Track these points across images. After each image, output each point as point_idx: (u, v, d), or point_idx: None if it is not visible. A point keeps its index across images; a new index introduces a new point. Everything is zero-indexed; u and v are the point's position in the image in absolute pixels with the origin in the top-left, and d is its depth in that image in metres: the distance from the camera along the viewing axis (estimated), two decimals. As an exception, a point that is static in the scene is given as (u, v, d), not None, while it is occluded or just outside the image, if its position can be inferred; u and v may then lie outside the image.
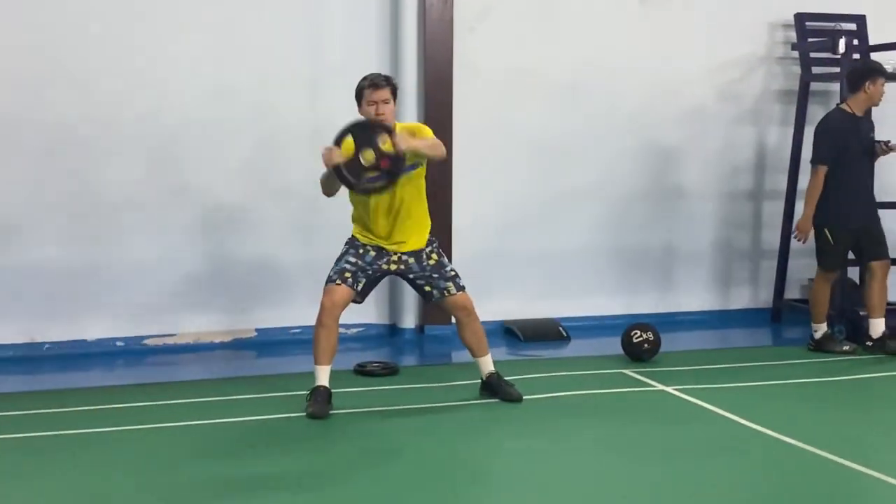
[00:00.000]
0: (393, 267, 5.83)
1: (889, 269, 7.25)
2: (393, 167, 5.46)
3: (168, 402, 5.99)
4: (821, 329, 7.26)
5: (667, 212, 8.51)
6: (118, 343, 7.32)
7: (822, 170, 7.02)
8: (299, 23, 7.51)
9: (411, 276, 5.88)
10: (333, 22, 7.57)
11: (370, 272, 5.81)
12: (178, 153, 7.32)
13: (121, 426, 5.51)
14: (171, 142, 7.29)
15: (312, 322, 7.22)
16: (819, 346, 7.24)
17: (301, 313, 7.48)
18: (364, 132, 5.47)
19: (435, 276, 5.85)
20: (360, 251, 5.79)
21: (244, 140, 7.45)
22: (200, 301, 7.47)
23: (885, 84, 7.12)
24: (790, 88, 8.60)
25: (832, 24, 8.37)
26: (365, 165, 5.46)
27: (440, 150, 5.68)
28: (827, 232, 7.09)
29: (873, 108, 7.30)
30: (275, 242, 7.58)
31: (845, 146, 7.01)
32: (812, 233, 7.14)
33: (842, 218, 7.06)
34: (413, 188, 5.76)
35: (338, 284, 5.72)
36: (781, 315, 8.59)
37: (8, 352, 7.07)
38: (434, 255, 5.87)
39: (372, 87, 5.64)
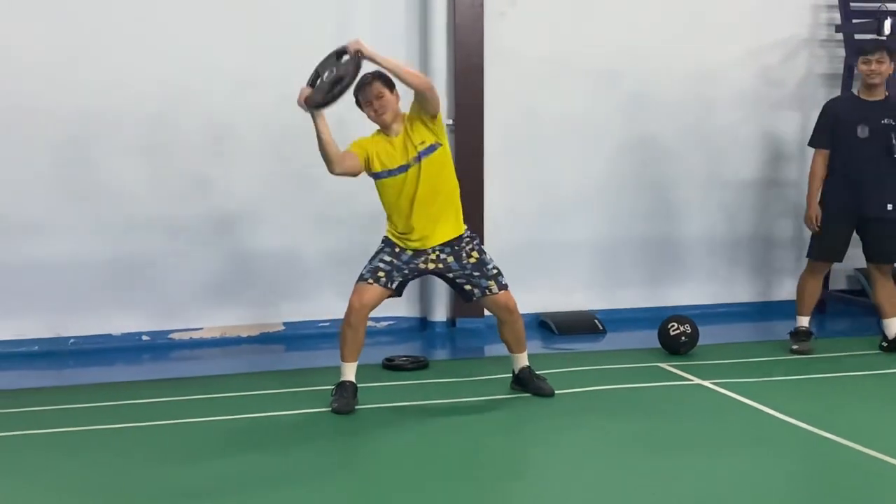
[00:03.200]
0: (431, 266, 5.66)
1: (889, 271, 6.88)
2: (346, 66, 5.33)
3: (194, 397, 5.94)
4: (801, 321, 6.91)
5: (707, 200, 8.30)
6: (144, 337, 7.26)
7: (819, 153, 6.75)
8: (325, 10, 7.36)
9: (450, 275, 5.71)
10: (360, 8, 7.41)
11: (406, 271, 5.65)
12: (201, 146, 7.22)
13: (146, 422, 5.44)
14: (194, 134, 7.19)
15: (340, 315, 7.08)
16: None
17: (329, 306, 7.39)
18: (324, 62, 5.44)
19: (476, 274, 5.66)
20: (397, 250, 5.62)
21: (269, 131, 7.32)
22: (227, 295, 7.39)
23: (877, 61, 6.57)
24: (835, 72, 8.35)
25: (877, 5, 8.11)
26: (329, 81, 5.34)
27: (421, 80, 5.42)
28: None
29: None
30: (302, 235, 7.47)
31: (841, 130, 6.68)
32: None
33: (831, 206, 6.75)
34: (435, 173, 5.55)
35: (369, 284, 5.56)
36: (826, 306, 8.35)
37: (33, 346, 7.03)
38: (474, 253, 5.67)
39: (359, 87, 5.50)
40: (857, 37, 8.05)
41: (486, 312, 7.64)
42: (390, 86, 5.52)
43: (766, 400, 5.69)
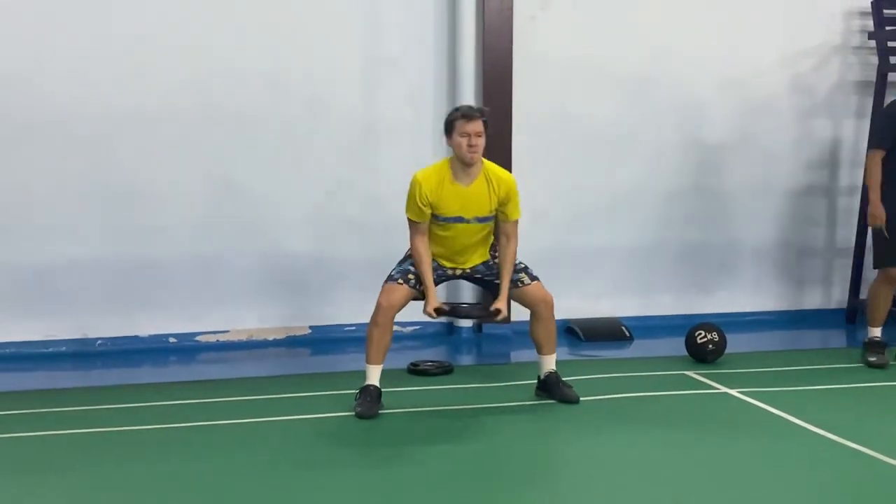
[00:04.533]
0: (459, 272, 5.76)
1: None
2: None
3: (219, 399, 5.95)
4: (872, 332, 6.76)
5: (736, 207, 8.25)
6: (171, 339, 7.29)
7: (876, 154, 6.60)
8: (353, 13, 7.39)
9: (478, 275, 5.78)
10: (389, 11, 7.44)
11: (434, 277, 5.69)
12: (230, 149, 7.26)
13: (172, 423, 5.47)
14: (222, 137, 7.23)
15: (366, 319, 7.11)
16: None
17: (355, 310, 7.40)
18: (458, 314, 6.25)
19: None
20: None
21: (296, 135, 7.36)
22: (254, 298, 7.41)
23: None
24: (867, 79, 8.28)
25: (911, 12, 8.03)
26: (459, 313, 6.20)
27: (515, 255, 5.76)
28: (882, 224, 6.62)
29: None
30: (329, 239, 7.49)
31: None
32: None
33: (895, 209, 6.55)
34: (484, 230, 5.72)
35: (399, 284, 5.60)
36: (856, 316, 8.27)
37: (61, 347, 7.08)
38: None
39: (465, 118, 5.48)
40: (889, 43, 7.98)
41: (513, 318, 7.66)
42: (486, 126, 5.57)
43: (793, 409, 5.64)
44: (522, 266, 5.78)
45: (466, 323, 7.73)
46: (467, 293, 7.65)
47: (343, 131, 7.42)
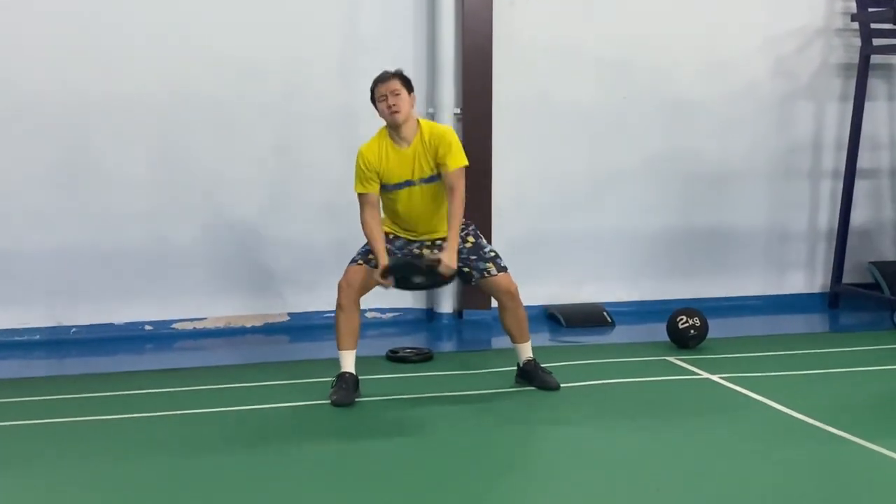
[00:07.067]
0: (425, 251, 5.65)
1: None
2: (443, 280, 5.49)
3: (196, 387, 5.90)
4: None
5: (718, 192, 8.19)
6: (146, 327, 7.22)
7: None
8: (331, -3, 7.32)
9: None
10: (369, -4, 7.37)
11: (395, 248, 5.63)
12: (205, 135, 7.17)
13: (148, 412, 5.41)
14: (198, 123, 7.14)
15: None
16: None
17: (334, 297, 7.27)
18: (408, 269, 5.41)
19: (473, 258, 5.63)
20: (390, 237, 5.63)
21: (274, 121, 7.28)
22: (231, 285, 7.34)
23: None
24: (850, 62, 8.23)
25: (894, -7, 7.97)
26: (413, 283, 5.43)
27: (462, 208, 5.52)
28: None
29: None
30: (306, 225, 7.41)
31: None
32: None
33: None
34: (434, 192, 5.56)
35: (358, 264, 5.57)
36: (839, 300, 8.24)
37: (34, 335, 7.01)
38: (470, 238, 5.66)
39: (380, 81, 5.49)
40: (872, 26, 7.93)
41: (494, 304, 7.60)
42: (409, 87, 5.51)
43: (774, 395, 5.61)
44: (492, 255, 5.68)
45: (447, 309, 7.68)
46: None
47: (321, 117, 7.34)
